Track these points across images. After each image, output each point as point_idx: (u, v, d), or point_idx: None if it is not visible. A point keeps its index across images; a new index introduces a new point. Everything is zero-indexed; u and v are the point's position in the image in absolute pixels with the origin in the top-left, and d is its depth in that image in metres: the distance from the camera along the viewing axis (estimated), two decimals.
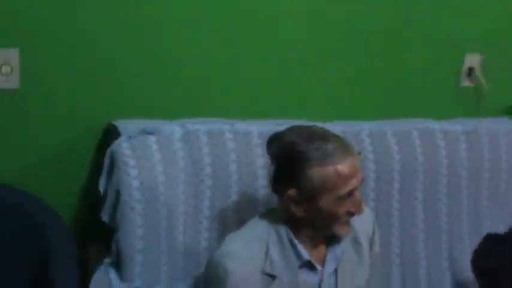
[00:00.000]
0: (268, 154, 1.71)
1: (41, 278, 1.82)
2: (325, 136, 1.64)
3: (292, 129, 1.69)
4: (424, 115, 2.38)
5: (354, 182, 1.62)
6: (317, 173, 1.60)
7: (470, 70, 2.49)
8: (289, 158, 1.63)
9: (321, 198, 1.61)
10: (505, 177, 2.41)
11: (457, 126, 2.37)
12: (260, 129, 2.05)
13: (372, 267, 1.83)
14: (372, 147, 2.19)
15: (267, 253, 1.66)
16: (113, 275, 1.89)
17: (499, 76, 2.54)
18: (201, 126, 2.03)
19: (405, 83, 2.42)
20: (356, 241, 1.77)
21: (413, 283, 2.26)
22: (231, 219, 1.97)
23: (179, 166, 1.96)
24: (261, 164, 2.00)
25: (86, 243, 2.05)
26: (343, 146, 1.64)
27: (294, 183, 1.62)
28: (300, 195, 1.63)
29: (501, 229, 2.24)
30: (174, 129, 1.99)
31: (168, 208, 1.91)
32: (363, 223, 1.78)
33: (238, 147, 2.02)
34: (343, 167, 1.60)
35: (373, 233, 1.84)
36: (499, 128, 2.44)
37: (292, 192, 1.63)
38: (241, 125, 2.07)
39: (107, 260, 1.92)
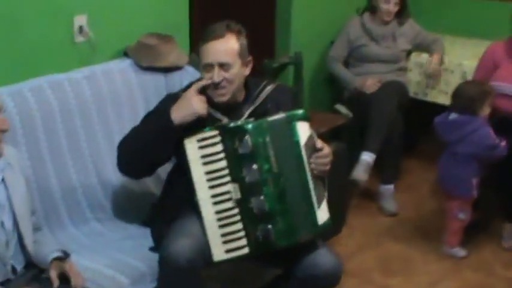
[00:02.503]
0: None
1: None
2: None
3: None
4: (52, 71, 2.98)
5: None
6: None
7: (81, 28, 3.14)
8: None
9: None
10: (125, 101, 3.16)
11: (79, 74, 3.05)
12: None
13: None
14: (13, 103, 2.74)
15: None
16: None
17: (104, 29, 3.24)
18: None
19: (30, 50, 2.98)
20: (9, 165, 2.35)
21: (71, 195, 2.92)
22: None
23: None
24: None
25: None
26: None
27: None
28: None
29: None
30: None
31: None
32: (11, 155, 2.37)
33: None
34: None
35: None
36: (113, 68, 3.19)
37: None
38: None
39: None
